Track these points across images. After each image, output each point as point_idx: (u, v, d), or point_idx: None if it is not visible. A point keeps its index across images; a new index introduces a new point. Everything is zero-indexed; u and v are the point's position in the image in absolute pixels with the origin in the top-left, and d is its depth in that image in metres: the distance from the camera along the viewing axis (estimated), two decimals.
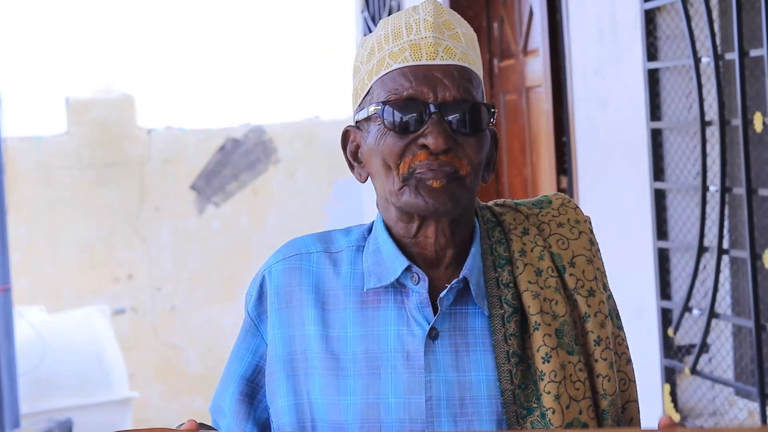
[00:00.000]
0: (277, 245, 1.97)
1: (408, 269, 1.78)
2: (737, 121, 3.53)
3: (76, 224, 9.86)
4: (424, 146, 1.73)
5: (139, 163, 10.02)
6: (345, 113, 10.63)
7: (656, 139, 3.96)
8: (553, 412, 1.73)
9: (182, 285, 10.10)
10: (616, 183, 4.23)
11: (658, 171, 3.96)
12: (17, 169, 9.71)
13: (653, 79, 3.95)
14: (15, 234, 9.14)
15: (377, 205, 1.84)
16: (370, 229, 1.87)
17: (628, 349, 1.85)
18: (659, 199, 3.98)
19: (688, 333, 3.91)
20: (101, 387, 8.27)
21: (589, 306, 1.80)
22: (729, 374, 3.82)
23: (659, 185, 3.95)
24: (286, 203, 10.30)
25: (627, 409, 1.82)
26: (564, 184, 4.81)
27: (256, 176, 10.28)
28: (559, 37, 4.68)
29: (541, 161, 5.18)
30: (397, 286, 1.79)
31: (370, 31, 6.73)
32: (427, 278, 1.77)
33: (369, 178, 1.84)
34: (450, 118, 1.74)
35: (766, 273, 3.54)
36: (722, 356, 3.84)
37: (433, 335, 1.76)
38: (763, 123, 3.44)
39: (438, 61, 1.75)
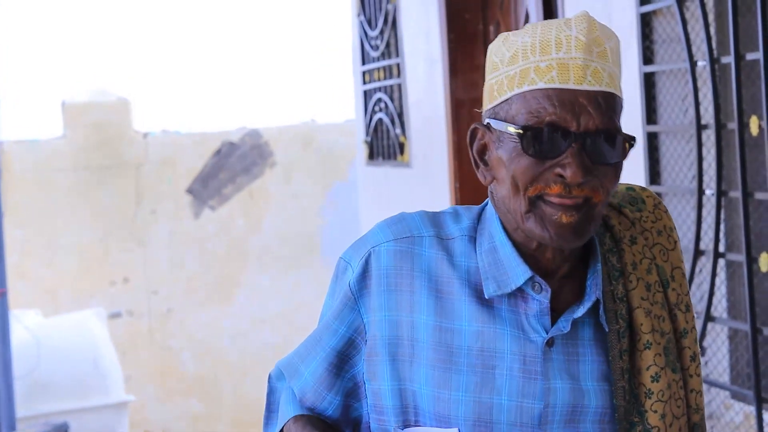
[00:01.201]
0: (273, 248, 1.96)
1: (530, 278, 1.75)
2: (733, 125, 3.54)
3: (73, 227, 9.86)
4: (560, 176, 1.68)
5: (136, 166, 10.02)
6: (341, 117, 10.63)
7: (652, 142, 3.96)
8: (659, 430, 1.75)
9: (178, 288, 10.10)
10: None
11: (654, 174, 3.96)
12: (14, 173, 9.70)
13: (649, 82, 3.95)
14: (11, 237, 9.14)
15: (493, 202, 1.79)
16: (478, 218, 1.82)
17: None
18: None
19: None
20: (97, 390, 8.26)
21: (687, 322, 1.80)
22: (725, 377, 3.82)
23: (655, 189, 3.95)
24: (282, 206, 10.30)
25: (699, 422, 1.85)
26: None
27: (253, 179, 10.29)
28: None
29: None
30: (516, 292, 1.76)
31: (366, 35, 6.73)
32: (550, 289, 1.75)
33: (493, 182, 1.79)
34: (590, 148, 1.68)
35: (762, 276, 3.54)
36: (718, 360, 3.84)
37: (550, 343, 1.75)
38: (759, 126, 3.45)
39: (585, 86, 1.68)
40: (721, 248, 3.70)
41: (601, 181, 1.70)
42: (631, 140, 1.72)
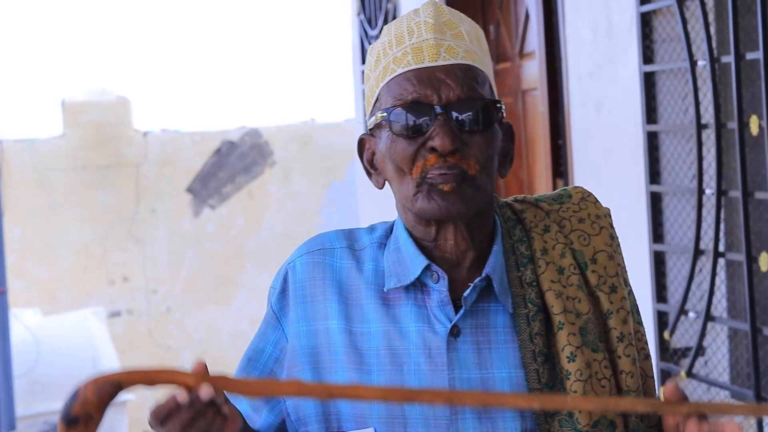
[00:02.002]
0: (273, 247, 1.99)
1: (428, 268, 1.79)
2: (733, 124, 3.54)
3: (72, 227, 9.85)
4: (433, 149, 1.73)
5: (135, 166, 10.01)
6: (340, 116, 10.63)
7: (652, 142, 3.96)
8: (580, 411, 1.74)
9: (177, 287, 10.09)
10: (612, 186, 4.23)
11: (654, 174, 3.96)
12: (13, 172, 9.70)
13: (649, 82, 3.95)
14: (10, 236, 9.13)
15: (397, 207, 1.84)
16: (392, 228, 1.87)
17: (647, 344, 1.86)
18: (655, 202, 3.98)
19: (684, 336, 3.91)
20: None
21: (611, 303, 1.81)
22: (725, 377, 3.82)
23: (655, 188, 3.95)
24: (282, 205, 10.30)
25: None
26: (560, 186, 4.81)
27: (252, 179, 10.28)
28: (555, 40, 4.68)
29: (537, 164, 5.19)
30: (418, 285, 1.80)
31: (366, 34, 6.73)
32: (447, 276, 1.78)
33: (386, 184, 1.84)
34: (456, 117, 1.74)
35: (762, 276, 3.54)
36: (718, 359, 3.84)
37: (455, 333, 1.77)
38: (759, 126, 3.44)
39: (440, 62, 1.75)
40: (721, 248, 3.70)
41: (474, 151, 1.75)
42: (498, 103, 1.78)
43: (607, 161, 4.27)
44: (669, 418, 1.65)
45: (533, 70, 5.10)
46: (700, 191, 3.72)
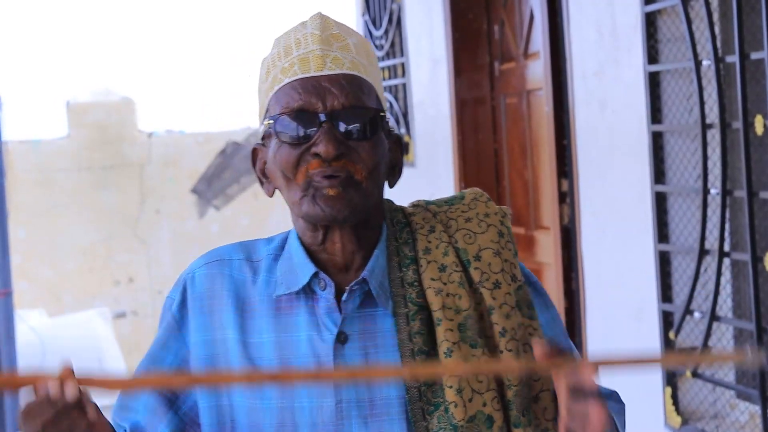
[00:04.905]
0: None
1: (315, 275, 1.81)
2: (738, 124, 3.53)
3: (76, 227, 9.86)
4: (317, 155, 1.76)
5: (139, 166, 10.02)
6: None
7: (657, 141, 3.96)
8: (456, 406, 1.75)
9: None
10: (616, 186, 4.23)
11: (659, 174, 3.96)
12: (17, 173, 9.71)
13: (654, 81, 3.95)
14: (15, 237, 9.14)
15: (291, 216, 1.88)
16: (287, 237, 1.91)
17: (542, 337, 1.85)
18: (660, 202, 3.98)
19: (689, 336, 3.91)
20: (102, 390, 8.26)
21: (494, 298, 1.81)
22: (730, 377, 3.82)
23: (660, 188, 3.95)
24: (286, 206, 10.31)
25: (541, 399, 1.81)
26: (565, 186, 4.81)
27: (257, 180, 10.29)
28: (559, 40, 4.68)
29: (541, 164, 5.18)
30: (309, 293, 1.82)
31: (371, 35, 6.73)
32: (333, 283, 1.81)
33: (276, 192, 1.88)
34: (340, 125, 1.77)
35: (767, 275, 3.54)
36: None
37: (342, 339, 1.80)
38: (764, 126, 3.44)
39: (326, 71, 1.79)
40: (726, 247, 3.70)
41: (360, 155, 1.77)
42: (381, 113, 1.81)
43: (611, 161, 4.27)
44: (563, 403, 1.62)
45: (538, 70, 5.10)
46: (705, 191, 3.72)
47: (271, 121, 1.80)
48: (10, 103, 9.36)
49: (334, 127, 1.76)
